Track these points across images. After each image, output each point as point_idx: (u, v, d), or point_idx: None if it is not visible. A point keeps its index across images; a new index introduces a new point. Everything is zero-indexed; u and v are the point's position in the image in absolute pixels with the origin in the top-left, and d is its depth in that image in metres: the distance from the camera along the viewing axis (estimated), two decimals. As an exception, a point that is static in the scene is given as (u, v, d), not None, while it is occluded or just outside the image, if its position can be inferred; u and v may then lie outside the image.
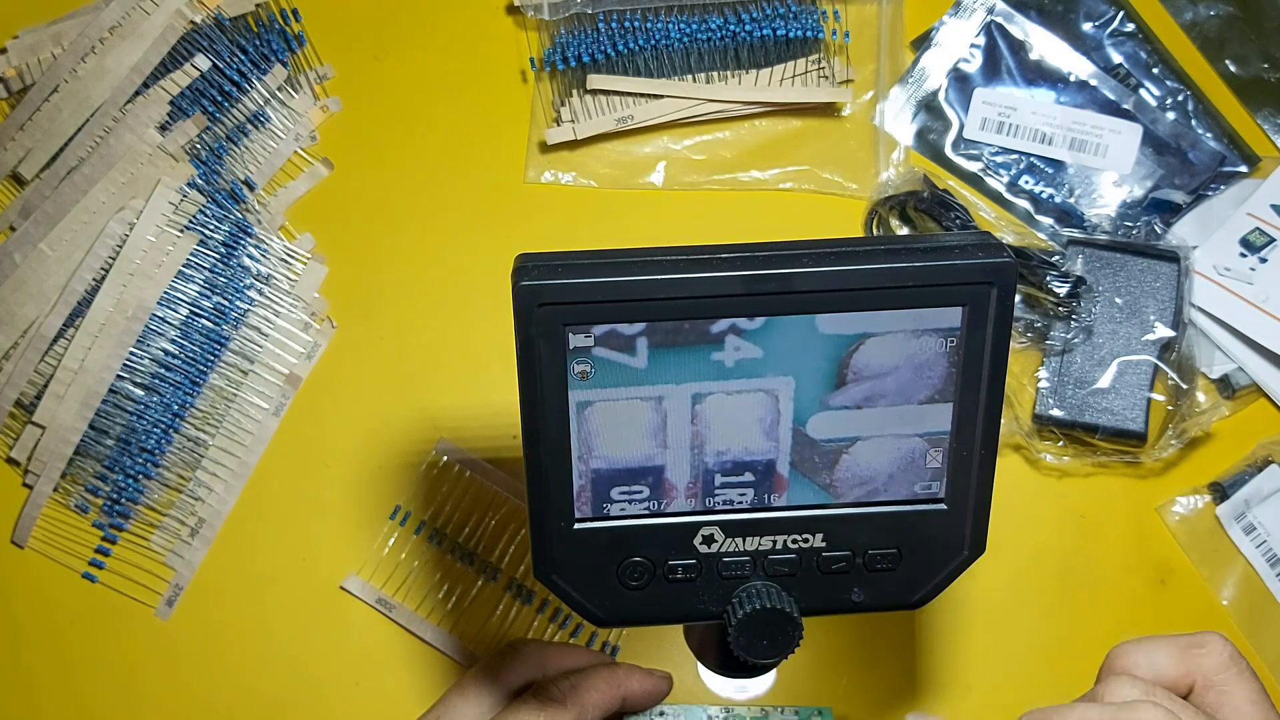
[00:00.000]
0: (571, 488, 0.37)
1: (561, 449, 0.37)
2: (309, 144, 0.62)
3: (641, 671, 0.49)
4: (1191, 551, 0.58)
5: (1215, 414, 0.58)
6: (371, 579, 0.57)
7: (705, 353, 0.36)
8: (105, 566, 0.58)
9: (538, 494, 0.37)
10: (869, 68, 0.63)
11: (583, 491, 0.37)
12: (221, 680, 0.57)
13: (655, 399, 0.36)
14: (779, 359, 0.36)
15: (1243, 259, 0.59)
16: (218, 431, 0.59)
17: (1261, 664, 0.56)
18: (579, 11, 0.61)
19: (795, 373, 0.36)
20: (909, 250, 0.35)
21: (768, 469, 0.38)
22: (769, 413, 0.37)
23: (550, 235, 0.61)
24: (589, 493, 0.37)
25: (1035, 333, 0.58)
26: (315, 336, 0.60)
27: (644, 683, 0.49)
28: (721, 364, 0.36)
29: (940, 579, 0.39)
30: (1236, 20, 0.64)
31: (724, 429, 0.37)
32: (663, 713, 0.52)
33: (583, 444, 0.37)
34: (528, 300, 0.35)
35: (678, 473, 0.38)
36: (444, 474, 0.58)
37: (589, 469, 0.37)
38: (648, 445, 0.37)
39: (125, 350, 0.58)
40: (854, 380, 0.37)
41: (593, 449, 0.37)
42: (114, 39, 0.60)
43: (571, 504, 0.37)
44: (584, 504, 0.38)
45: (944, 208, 0.59)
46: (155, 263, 0.58)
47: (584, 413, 0.36)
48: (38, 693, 0.57)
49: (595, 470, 0.37)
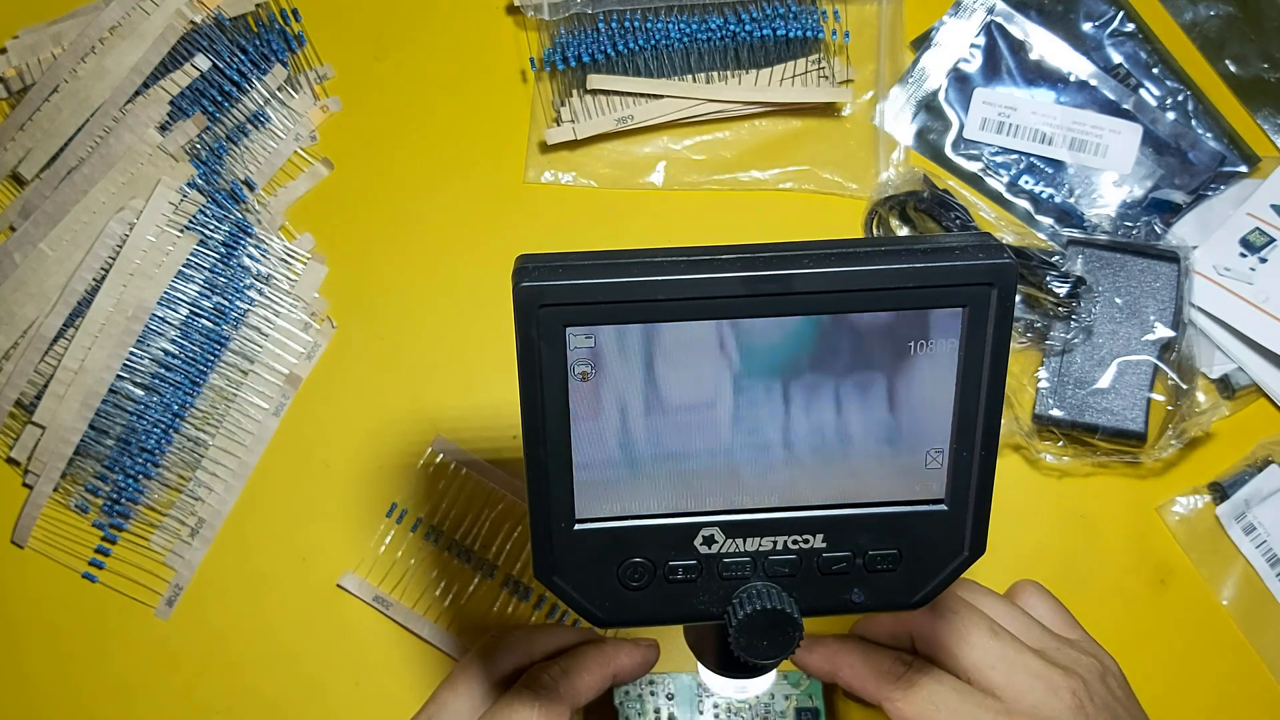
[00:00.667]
0: (572, 488, 0.37)
1: (562, 450, 0.36)
2: (309, 144, 0.62)
3: (629, 645, 0.49)
4: (1191, 551, 0.58)
5: (1215, 414, 0.58)
6: (369, 577, 0.57)
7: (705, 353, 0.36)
8: (105, 566, 0.58)
9: (538, 494, 0.37)
10: (869, 68, 0.63)
11: (583, 492, 0.37)
12: (221, 679, 0.57)
13: (656, 399, 0.36)
14: (779, 359, 0.36)
15: (1243, 259, 0.59)
16: (218, 431, 0.59)
17: (1261, 664, 0.56)
18: (579, 11, 0.61)
19: (795, 373, 0.36)
20: (909, 251, 0.35)
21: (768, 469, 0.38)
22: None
23: (550, 235, 0.61)
24: (589, 493, 0.37)
25: (1035, 333, 0.58)
26: (315, 336, 0.60)
27: (632, 656, 0.49)
28: (722, 364, 0.36)
29: (940, 580, 0.39)
30: (1236, 20, 0.64)
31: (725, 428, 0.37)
32: (653, 681, 0.52)
33: (584, 445, 0.37)
34: (528, 301, 0.35)
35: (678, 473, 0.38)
36: (440, 472, 0.58)
37: (590, 469, 0.37)
38: (649, 445, 0.37)
39: (125, 350, 0.58)
40: (854, 381, 0.37)
41: (594, 450, 0.37)
42: (114, 39, 0.60)
43: (572, 505, 0.37)
44: (584, 504, 0.38)
45: (944, 208, 0.59)
46: (155, 263, 0.58)
47: (585, 413, 0.36)
48: (38, 693, 0.57)
49: (596, 471, 0.37)
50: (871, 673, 0.44)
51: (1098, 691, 0.43)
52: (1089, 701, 0.42)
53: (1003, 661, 0.43)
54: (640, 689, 0.52)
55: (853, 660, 0.45)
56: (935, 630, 0.44)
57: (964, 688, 0.42)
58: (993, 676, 0.43)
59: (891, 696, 0.43)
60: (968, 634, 0.44)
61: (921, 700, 0.42)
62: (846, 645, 0.46)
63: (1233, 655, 0.57)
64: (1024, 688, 0.42)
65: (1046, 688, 0.42)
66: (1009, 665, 0.43)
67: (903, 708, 0.43)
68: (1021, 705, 0.42)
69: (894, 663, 0.44)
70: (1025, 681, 0.42)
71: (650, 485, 0.38)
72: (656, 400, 0.36)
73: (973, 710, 0.42)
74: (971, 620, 0.44)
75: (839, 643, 0.47)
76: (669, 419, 0.37)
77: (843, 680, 0.46)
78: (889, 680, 0.44)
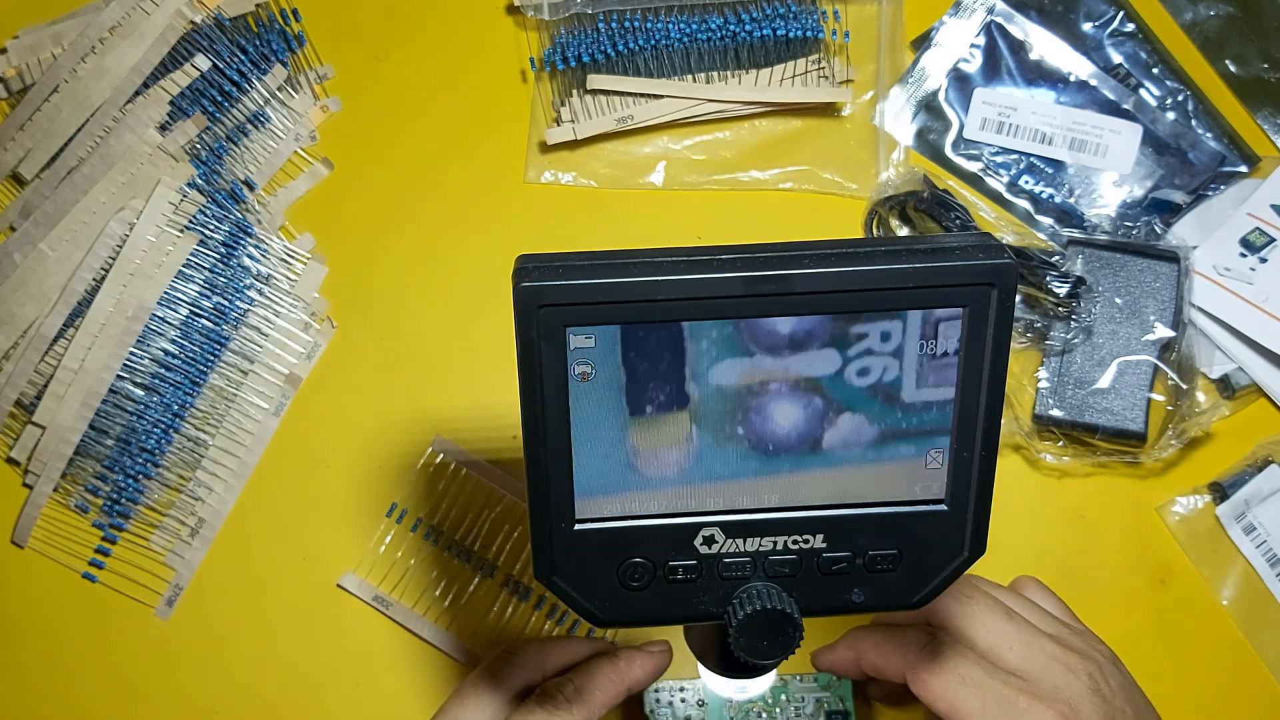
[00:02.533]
0: (572, 488, 0.37)
1: (562, 450, 0.36)
2: (309, 144, 0.62)
3: (642, 656, 0.49)
4: (1191, 551, 0.58)
5: (1215, 414, 0.58)
6: (369, 577, 0.57)
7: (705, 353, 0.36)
8: (105, 566, 0.58)
9: (538, 495, 0.37)
10: (869, 68, 0.63)
11: (584, 492, 0.37)
12: (221, 679, 0.57)
13: (656, 399, 0.36)
14: (779, 359, 0.36)
15: (1243, 259, 0.59)
16: (218, 431, 0.59)
17: (1261, 664, 0.56)
18: (579, 11, 0.61)
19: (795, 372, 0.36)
20: (909, 251, 0.35)
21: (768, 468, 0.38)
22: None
23: (550, 235, 0.61)
24: (590, 493, 0.37)
25: (1035, 333, 0.58)
26: (315, 336, 0.60)
27: (645, 666, 0.49)
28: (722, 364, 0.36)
29: (940, 580, 0.39)
30: (1236, 20, 0.64)
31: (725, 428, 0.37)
32: (683, 688, 0.51)
33: (584, 445, 0.37)
34: (529, 301, 0.35)
35: (678, 473, 0.38)
36: (440, 472, 0.58)
37: (590, 469, 0.37)
38: (649, 446, 0.37)
39: (125, 350, 0.58)
40: (855, 380, 0.37)
41: (594, 450, 0.37)
42: (114, 39, 0.60)
43: (572, 505, 0.37)
44: (584, 504, 0.38)
45: (944, 208, 0.59)
46: (155, 263, 0.58)
47: (585, 413, 0.36)
48: (38, 693, 0.57)
49: (596, 471, 0.37)
50: (895, 648, 0.44)
51: (1112, 674, 0.43)
52: (1104, 684, 0.42)
53: (1019, 644, 0.43)
54: (671, 695, 0.52)
55: (876, 639, 0.45)
56: (950, 615, 0.44)
57: (988, 664, 0.42)
58: (1011, 658, 0.43)
59: (917, 671, 0.43)
60: (983, 617, 0.44)
61: (949, 674, 0.42)
62: (867, 630, 0.47)
63: (1233, 655, 0.57)
64: (1042, 668, 0.42)
65: (1064, 669, 0.42)
66: (1026, 647, 0.43)
67: (930, 682, 0.42)
68: (1042, 684, 0.42)
69: (917, 635, 0.44)
70: (1043, 662, 0.42)
71: (650, 485, 0.38)
72: (656, 400, 0.36)
73: (999, 687, 0.42)
74: (986, 604, 0.44)
75: (859, 630, 0.47)
76: (669, 419, 0.37)
77: (868, 663, 0.46)
78: (913, 654, 0.43)
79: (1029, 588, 0.48)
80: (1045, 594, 0.48)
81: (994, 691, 0.41)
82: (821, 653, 0.49)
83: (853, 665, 0.47)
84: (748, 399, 0.37)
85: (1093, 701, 0.42)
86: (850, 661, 0.47)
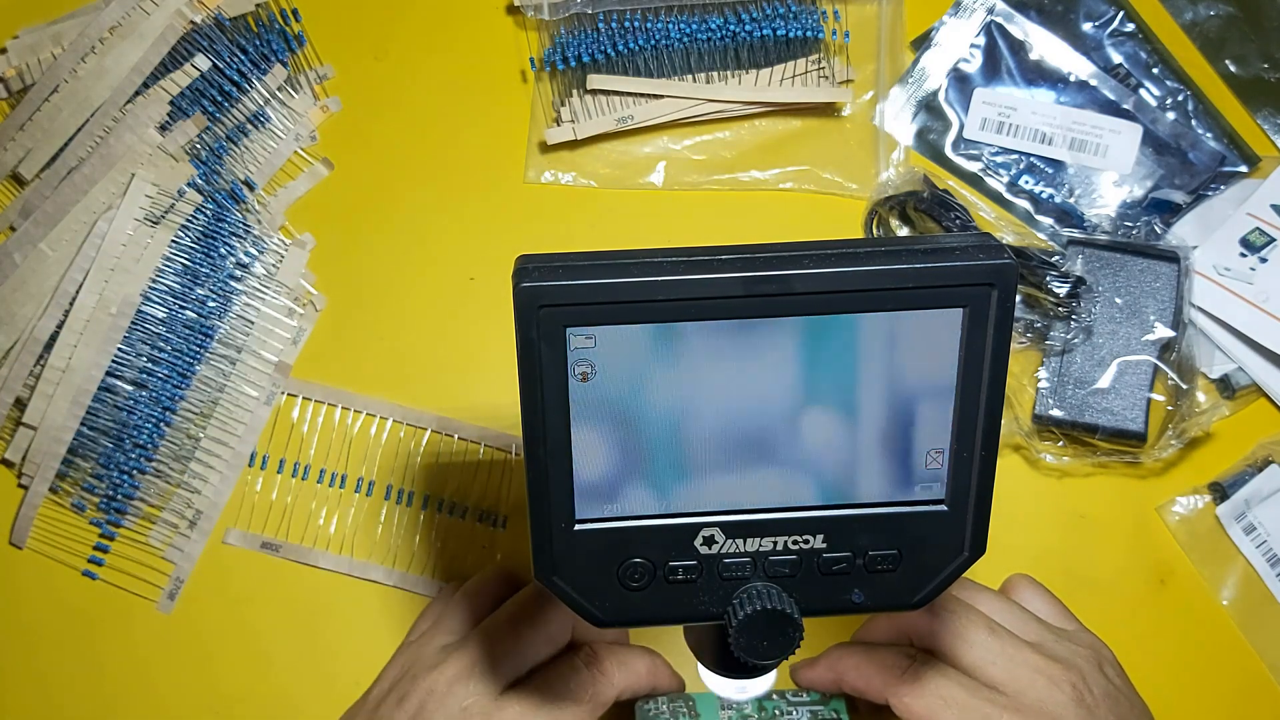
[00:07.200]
0: (572, 489, 0.37)
1: (563, 450, 0.36)
2: (309, 144, 0.62)
3: (669, 669, 0.50)
4: (1191, 551, 0.58)
5: (1215, 414, 0.58)
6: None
7: (705, 353, 0.36)
8: (105, 563, 0.58)
9: (538, 495, 0.37)
10: (869, 68, 0.63)
11: (584, 492, 0.37)
12: (228, 669, 0.57)
13: (656, 399, 0.36)
14: (779, 359, 0.36)
15: (1243, 259, 0.59)
16: (209, 423, 0.59)
17: (1261, 664, 0.56)
18: (579, 11, 0.61)
19: (795, 372, 0.36)
20: (909, 251, 0.35)
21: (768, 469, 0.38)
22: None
23: (550, 235, 0.61)
24: (590, 493, 0.37)
25: (1035, 333, 0.58)
26: (300, 321, 0.60)
27: (671, 680, 0.50)
28: (722, 364, 0.36)
29: (940, 580, 0.39)
30: (1236, 20, 0.64)
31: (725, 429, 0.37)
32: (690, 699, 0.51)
33: (584, 445, 0.37)
34: (528, 302, 0.35)
35: (679, 473, 0.38)
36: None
37: (590, 469, 0.37)
38: (649, 446, 0.37)
39: (112, 347, 0.57)
40: (855, 380, 0.37)
41: (594, 450, 0.37)
42: (114, 39, 0.60)
43: (572, 505, 0.37)
44: (584, 505, 0.38)
45: (944, 208, 0.59)
46: (134, 257, 0.58)
47: (585, 413, 0.36)
48: (42, 692, 0.57)
49: (596, 471, 0.37)
50: (876, 670, 0.45)
51: (1096, 681, 0.43)
52: (1088, 693, 0.42)
53: (1002, 658, 0.43)
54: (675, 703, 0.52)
55: (856, 661, 0.46)
56: (933, 630, 0.44)
57: (970, 682, 0.43)
58: (993, 673, 0.43)
59: (899, 693, 0.43)
60: (966, 632, 0.44)
61: (929, 696, 0.42)
62: (848, 649, 0.47)
63: (1233, 655, 0.57)
64: (1025, 682, 0.42)
65: (1047, 682, 0.42)
66: (1009, 661, 0.43)
67: (911, 704, 0.43)
68: (1025, 700, 0.42)
69: (898, 657, 0.44)
70: (1026, 676, 0.43)
71: (650, 485, 0.38)
72: (656, 400, 0.36)
73: (980, 705, 0.42)
74: (969, 619, 0.44)
75: (840, 649, 0.47)
76: (668, 419, 0.37)
77: (848, 684, 0.46)
78: (894, 675, 0.44)
79: (1019, 588, 0.48)
80: (1036, 593, 0.48)
81: (976, 710, 0.42)
82: (802, 670, 0.49)
83: (833, 686, 0.47)
84: (748, 399, 0.37)
85: (1076, 713, 0.42)
86: (831, 682, 0.47)
